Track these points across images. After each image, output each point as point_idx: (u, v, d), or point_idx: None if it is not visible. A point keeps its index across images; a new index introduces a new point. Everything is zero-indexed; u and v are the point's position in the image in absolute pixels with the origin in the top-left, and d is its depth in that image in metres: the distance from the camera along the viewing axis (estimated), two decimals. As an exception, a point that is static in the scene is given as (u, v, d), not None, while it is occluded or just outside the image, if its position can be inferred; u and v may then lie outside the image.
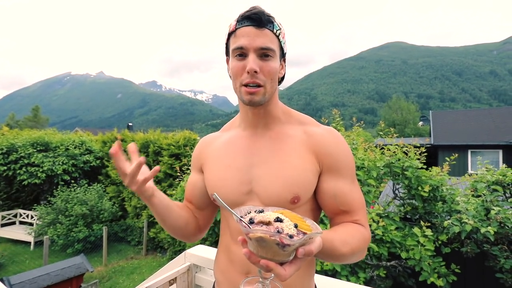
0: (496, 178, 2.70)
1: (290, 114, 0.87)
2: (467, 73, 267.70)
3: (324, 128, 0.83)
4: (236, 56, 0.74)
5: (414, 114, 41.39)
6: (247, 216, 0.56)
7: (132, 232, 7.77)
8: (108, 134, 9.16)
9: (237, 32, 0.74)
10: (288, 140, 0.81)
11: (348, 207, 0.77)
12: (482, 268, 2.57)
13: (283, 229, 0.49)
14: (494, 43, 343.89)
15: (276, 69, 0.76)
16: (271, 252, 0.50)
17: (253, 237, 0.49)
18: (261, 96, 0.74)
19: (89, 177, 8.92)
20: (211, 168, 0.87)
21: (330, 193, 0.77)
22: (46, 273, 4.12)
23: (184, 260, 1.35)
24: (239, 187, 0.79)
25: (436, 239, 2.57)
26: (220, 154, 0.86)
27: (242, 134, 0.86)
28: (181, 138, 7.24)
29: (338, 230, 0.73)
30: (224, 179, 0.81)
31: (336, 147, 0.79)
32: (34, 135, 8.53)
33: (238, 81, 0.75)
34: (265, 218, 0.52)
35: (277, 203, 0.74)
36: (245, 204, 0.78)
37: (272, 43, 0.73)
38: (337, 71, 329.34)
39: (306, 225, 0.53)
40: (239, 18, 0.74)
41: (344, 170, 0.78)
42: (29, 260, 6.51)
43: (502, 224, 2.27)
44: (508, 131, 13.98)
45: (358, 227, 0.76)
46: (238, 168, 0.81)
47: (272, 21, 0.75)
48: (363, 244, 0.74)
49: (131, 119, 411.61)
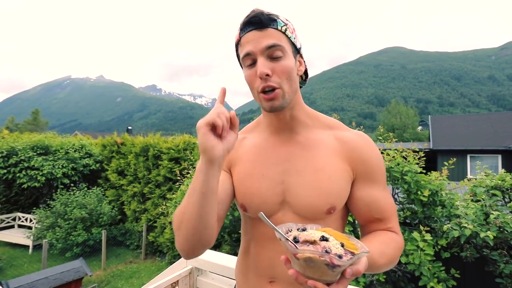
0: (495, 183, 2.72)
1: (317, 118, 0.83)
2: (465, 78, 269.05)
3: (355, 133, 0.80)
4: (247, 65, 0.72)
5: (413, 119, 41.52)
6: (289, 234, 0.54)
7: (131, 236, 7.74)
8: (108, 138, 9.16)
9: (242, 40, 0.72)
10: (319, 146, 0.78)
11: (382, 214, 0.75)
12: (481, 273, 2.57)
13: (331, 249, 0.48)
14: (492, 48, 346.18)
15: (291, 67, 0.71)
16: (319, 272, 0.48)
17: (301, 258, 0.48)
18: (281, 100, 0.71)
19: (88, 181, 8.90)
20: (242, 176, 0.81)
21: (364, 201, 0.75)
22: (44, 277, 4.10)
23: (186, 264, 1.36)
24: (272, 198, 0.76)
25: (436, 243, 2.57)
26: (251, 160, 0.82)
27: (271, 139, 0.82)
28: (181, 142, 7.25)
29: (374, 241, 0.71)
30: (257, 189, 0.78)
31: (370, 154, 0.77)
32: (34, 138, 8.53)
33: (254, 90, 0.73)
34: (309, 237, 0.51)
35: (312, 214, 0.73)
36: (277, 214, 0.76)
37: (279, 40, 0.70)
38: (336, 76, 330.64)
39: (351, 244, 0.51)
40: (241, 26, 0.73)
41: (378, 176, 0.77)
42: (28, 264, 6.46)
43: (501, 229, 2.29)
44: (507, 136, 14.03)
45: (392, 235, 0.75)
46: (271, 177, 0.77)
47: (275, 18, 0.71)
48: (398, 252, 0.73)
49: (130, 122, 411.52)
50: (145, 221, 7.22)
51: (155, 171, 7.27)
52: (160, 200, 7.02)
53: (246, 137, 0.88)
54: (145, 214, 7.33)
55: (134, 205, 7.61)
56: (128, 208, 7.83)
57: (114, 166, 8.34)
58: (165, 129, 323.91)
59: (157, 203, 7.05)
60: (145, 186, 7.49)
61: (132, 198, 7.83)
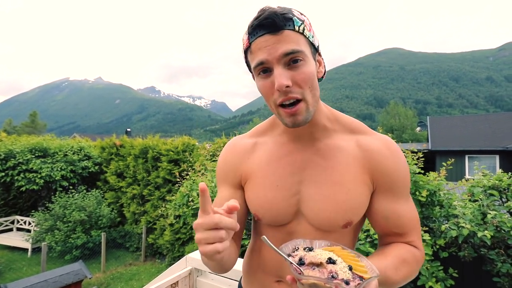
0: (492, 183, 2.74)
1: (338, 120, 0.75)
2: (464, 79, 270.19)
3: (379, 139, 0.72)
4: (260, 74, 0.63)
5: (412, 120, 41.66)
6: (295, 253, 0.52)
7: (130, 238, 7.73)
8: (107, 140, 9.15)
9: (252, 46, 0.62)
10: (339, 155, 0.71)
11: (401, 229, 0.70)
12: (479, 272, 2.59)
13: (337, 273, 0.45)
14: (490, 49, 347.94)
15: (312, 73, 0.62)
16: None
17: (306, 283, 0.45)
18: (305, 113, 0.63)
19: (87, 183, 8.89)
20: (255, 186, 0.76)
21: (382, 214, 0.70)
22: (44, 280, 4.10)
23: (185, 264, 1.37)
24: (286, 209, 0.72)
25: (434, 243, 2.59)
26: (265, 169, 0.75)
27: (287, 146, 0.75)
28: (180, 144, 7.26)
29: (389, 255, 0.66)
30: (272, 199, 0.72)
31: (394, 165, 0.70)
32: (32, 141, 8.51)
33: (271, 102, 0.64)
34: (316, 259, 0.48)
35: (328, 227, 0.69)
36: (291, 223, 0.73)
37: (298, 44, 0.60)
38: (336, 77, 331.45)
39: (361, 266, 0.48)
40: (250, 29, 0.62)
41: (400, 189, 0.70)
42: (27, 267, 6.44)
43: (499, 228, 2.30)
44: (505, 137, 14.10)
45: (411, 249, 0.69)
46: (286, 187, 0.72)
47: (290, 17, 0.60)
48: (416, 268, 0.69)
49: (129, 124, 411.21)
50: (144, 223, 7.22)
51: (154, 173, 7.27)
52: (159, 202, 7.02)
53: (257, 142, 0.80)
54: (144, 216, 7.32)
55: (134, 207, 7.61)
56: (127, 210, 7.83)
57: (113, 168, 8.33)
58: (164, 131, 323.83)
59: (156, 205, 7.04)
60: (144, 188, 7.48)
61: (131, 200, 7.82)
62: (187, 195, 3.73)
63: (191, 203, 3.47)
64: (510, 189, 2.61)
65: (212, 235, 0.49)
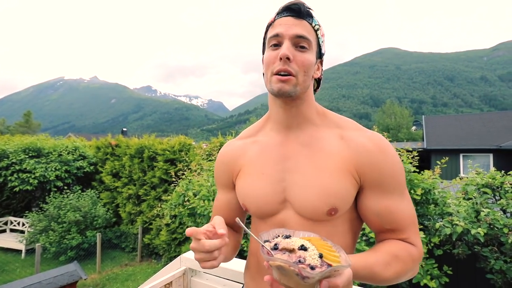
0: (485, 181, 2.77)
1: (326, 115, 0.80)
2: (458, 78, 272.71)
3: (365, 135, 0.73)
4: (271, 46, 0.72)
5: (408, 119, 41.93)
6: (274, 240, 0.53)
7: (126, 238, 7.68)
8: (102, 140, 9.08)
9: (275, 22, 0.73)
10: (323, 145, 0.74)
11: (394, 226, 0.70)
12: (473, 269, 2.61)
13: (305, 259, 0.47)
14: (484, 49, 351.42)
15: (311, 62, 0.71)
16: (293, 281, 0.48)
17: (273, 265, 0.48)
18: (292, 86, 0.69)
19: (82, 183, 8.82)
20: (243, 177, 0.81)
21: (374, 211, 0.70)
22: (38, 281, 4.04)
23: (179, 264, 1.36)
24: (273, 197, 0.74)
25: (429, 241, 2.61)
26: (253, 161, 0.81)
27: (275, 137, 0.80)
28: (176, 143, 7.23)
29: (380, 252, 0.66)
30: (257, 187, 0.76)
31: (380, 160, 0.70)
32: (26, 141, 8.40)
33: (269, 71, 0.71)
34: (289, 245, 0.50)
35: (312, 214, 0.70)
36: (279, 213, 0.74)
37: (309, 34, 0.71)
38: (332, 77, 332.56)
39: (333, 256, 0.49)
40: (279, 10, 0.74)
41: (390, 185, 0.70)
42: (20, 268, 6.37)
43: (492, 226, 2.33)
44: (498, 136, 14.26)
45: (405, 246, 0.69)
46: (272, 175, 0.75)
47: (312, 15, 0.73)
48: (411, 265, 0.68)
49: (125, 124, 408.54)
50: (140, 223, 7.18)
51: (150, 173, 7.23)
52: (155, 202, 6.99)
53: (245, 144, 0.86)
54: (140, 216, 7.28)
55: (129, 207, 7.56)
56: (123, 211, 7.78)
57: (109, 168, 8.27)
58: (161, 130, 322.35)
59: (152, 205, 7.01)
60: (140, 188, 7.44)
61: (127, 200, 7.77)
62: (183, 195, 3.72)
63: (187, 203, 3.46)
64: (503, 187, 2.64)
65: (207, 256, 0.60)
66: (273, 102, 0.78)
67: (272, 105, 0.79)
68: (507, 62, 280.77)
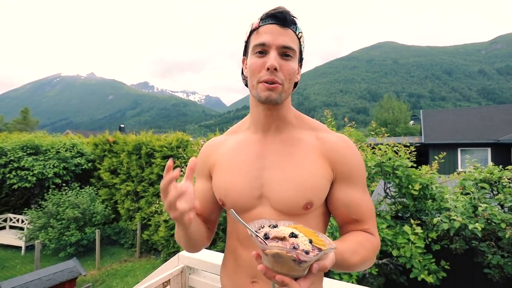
0: (483, 176, 2.77)
1: (302, 119, 0.85)
2: (456, 72, 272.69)
3: (336, 135, 0.81)
4: (256, 53, 0.73)
5: (406, 113, 41.92)
6: (261, 230, 0.56)
7: (125, 234, 7.71)
8: (100, 136, 9.05)
9: (260, 29, 0.74)
10: (300, 144, 0.79)
11: (359, 216, 0.76)
12: (470, 264, 2.63)
13: (298, 245, 0.50)
14: (482, 42, 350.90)
15: (295, 70, 0.75)
16: (287, 267, 0.50)
17: (270, 253, 0.50)
18: (278, 94, 0.73)
19: (81, 180, 8.80)
20: (221, 172, 0.84)
21: (343, 202, 0.76)
22: (38, 277, 4.06)
23: (177, 262, 1.35)
24: (250, 192, 0.77)
25: (426, 236, 2.62)
26: (230, 157, 0.84)
27: (253, 137, 0.84)
28: (174, 140, 7.21)
29: (347, 240, 0.73)
30: (234, 182, 0.79)
31: (350, 155, 0.78)
32: (23, 138, 8.37)
33: (255, 78, 0.74)
34: (279, 233, 0.52)
35: (289, 209, 0.74)
36: (255, 209, 0.77)
37: (293, 43, 0.73)
38: (329, 71, 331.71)
39: (320, 240, 0.53)
40: (263, 16, 0.74)
41: (357, 179, 0.78)
42: (20, 265, 6.39)
43: (489, 221, 2.34)
44: (496, 130, 14.30)
45: (367, 236, 0.76)
46: (249, 171, 0.79)
47: (296, 23, 0.75)
48: (372, 253, 0.74)
49: (123, 120, 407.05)
50: (139, 219, 7.19)
51: (148, 169, 7.22)
52: (154, 198, 6.99)
53: (226, 139, 0.90)
54: (139, 213, 7.29)
55: (128, 203, 7.56)
56: (121, 207, 7.79)
57: (107, 165, 8.26)
58: (159, 126, 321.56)
59: (151, 201, 7.01)
60: (138, 184, 7.44)
61: (125, 197, 7.78)
62: (181, 191, 3.71)
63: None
64: (501, 182, 2.65)
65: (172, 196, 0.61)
66: (255, 106, 0.81)
67: (253, 108, 0.82)
68: (505, 55, 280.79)
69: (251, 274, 0.78)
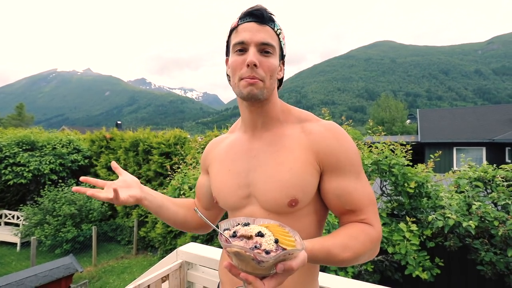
0: (478, 174, 2.81)
1: (290, 112, 0.85)
2: (453, 72, 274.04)
3: (322, 125, 0.80)
4: (237, 51, 0.75)
5: (402, 112, 42.14)
6: (234, 228, 0.56)
7: (122, 231, 7.69)
8: (97, 133, 9.01)
9: (239, 27, 0.75)
10: (285, 141, 0.78)
11: (353, 206, 0.74)
12: (464, 261, 2.67)
13: (261, 245, 0.49)
14: (479, 42, 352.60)
15: (276, 66, 0.75)
16: (250, 266, 0.51)
17: (230, 252, 0.51)
18: (260, 90, 0.73)
19: (77, 177, 8.77)
20: (214, 171, 0.88)
21: (334, 193, 0.75)
22: (33, 274, 4.05)
23: (176, 258, 1.37)
24: (238, 191, 0.79)
25: (421, 234, 2.65)
26: (222, 157, 0.87)
27: (242, 137, 0.86)
28: (171, 137, 7.20)
29: (339, 235, 0.70)
30: (224, 183, 0.82)
31: (336, 144, 0.75)
32: (19, 134, 8.30)
33: (236, 76, 0.74)
34: (247, 232, 0.53)
35: (275, 207, 0.74)
36: (246, 208, 0.79)
37: (272, 40, 0.74)
38: (327, 69, 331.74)
39: (289, 241, 0.52)
40: (241, 15, 0.76)
41: (347, 167, 0.75)
42: (16, 261, 6.36)
43: (483, 219, 2.37)
44: (491, 129, 14.44)
45: (363, 227, 0.73)
46: (237, 172, 0.81)
47: (274, 20, 0.76)
48: (370, 245, 0.71)
49: (119, 117, 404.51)
50: (136, 216, 7.18)
51: (146, 166, 7.21)
52: (151, 195, 6.98)
53: (226, 138, 0.94)
54: (136, 210, 7.28)
55: (125, 200, 7.55)
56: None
57: (103, 161, 8.22)
58: (156, 123, 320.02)
59: (148, 198, 7.00)
60: (135, 181, 7.42)
61: (122, 194, 7.76)
62: (179, 188, 3.72)
63: (182, 196, 3.46)
64: (495, 180, 2.68)
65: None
66: (240, 104, 0.82)
67: (240, 107, 0.84)
68: (501, 56, 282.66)
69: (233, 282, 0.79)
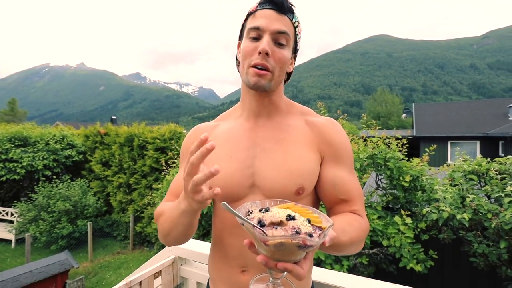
0: (472, 168, 2.83)
1: (292, 105, 0.87)
2: (448, 66, 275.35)
3: (324, 118, 0.83)
4: (250, 37, 0.73)
5: (398, 107, 42.30)
6: (250, 217, 0.50)
7: (118, 227, 7.68)
8: (91, 128, 8.91)
9: (257, 13, 0.74)
10: (290, 130, 0.79)
11: (347, 196, 0.76)
12: (457, 253, 2.70)
13: (300, 228, 0.45)
14: (474, 37, 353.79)
15: (287, 59, 0.75)
16: (288, 253, 0.46)
17: (272, 244, 0.44)
18: (267, 81, 0.72)
19: (72, 172, 8.69)
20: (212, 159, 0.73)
21: (330, 181, 0.76)
22: (29, 270, 4.02)
23: (169, 253, 1.35)
24: (241, 180, 0.75)
25: (416, 227, 2.67)
26: (221, 144, 0.80)
27: (244, 124, 0.82)
28: (167, 132, 7.15)
29: (336, 220, 0.70)
30: (226, 170, 0.75)
31: (337, 136, 0.79)
32: (11, 129, 8.18)
33: (246, 62, 0.73)
34: (275, 218, 0.47)
35: (281, 195, 0.71)
36: (247, 197, 0.75)
37: (289, 31, 0.73)
38: (324, 64, 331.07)
39: (316, 218, 0.49)
40: (262, 0, 0.74)
41: (344, 158, 0.78)
42: (11, 258, 6.33)
43: (476, 211, 2.39)
44: (486, 123, 14.58)
45: (356, 217, 0.74)
46: (241, 160, 0.76)
47: (293, 11, 0.75)
48: (362, 234, 0.72)
49: (114, 112, 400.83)
50: (132, 211, 7.16)
51: (141, 161, 7.16)
52: (146, 190, 6.96)
53: (217, 125, 0.88)
54: (131, 205, 7.26)
55: (120, 196, 7.51)
56: (114, 199, 7.73)
57: (98, 157, 8.16)
58: (151, 118, 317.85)
59: (143, 193, 6.98)
60: (130, 176, 7.38)
61: (117, 189, 7.72)
62: (174, 183, 3.69)
63: (177, 191, 3.44)
64: (489, 173, 2.70)
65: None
66: (246, 92, 0.81)
67: (245, 94, 0.82)
68: (496, 50, 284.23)
69: (240, 264, 0.76)
